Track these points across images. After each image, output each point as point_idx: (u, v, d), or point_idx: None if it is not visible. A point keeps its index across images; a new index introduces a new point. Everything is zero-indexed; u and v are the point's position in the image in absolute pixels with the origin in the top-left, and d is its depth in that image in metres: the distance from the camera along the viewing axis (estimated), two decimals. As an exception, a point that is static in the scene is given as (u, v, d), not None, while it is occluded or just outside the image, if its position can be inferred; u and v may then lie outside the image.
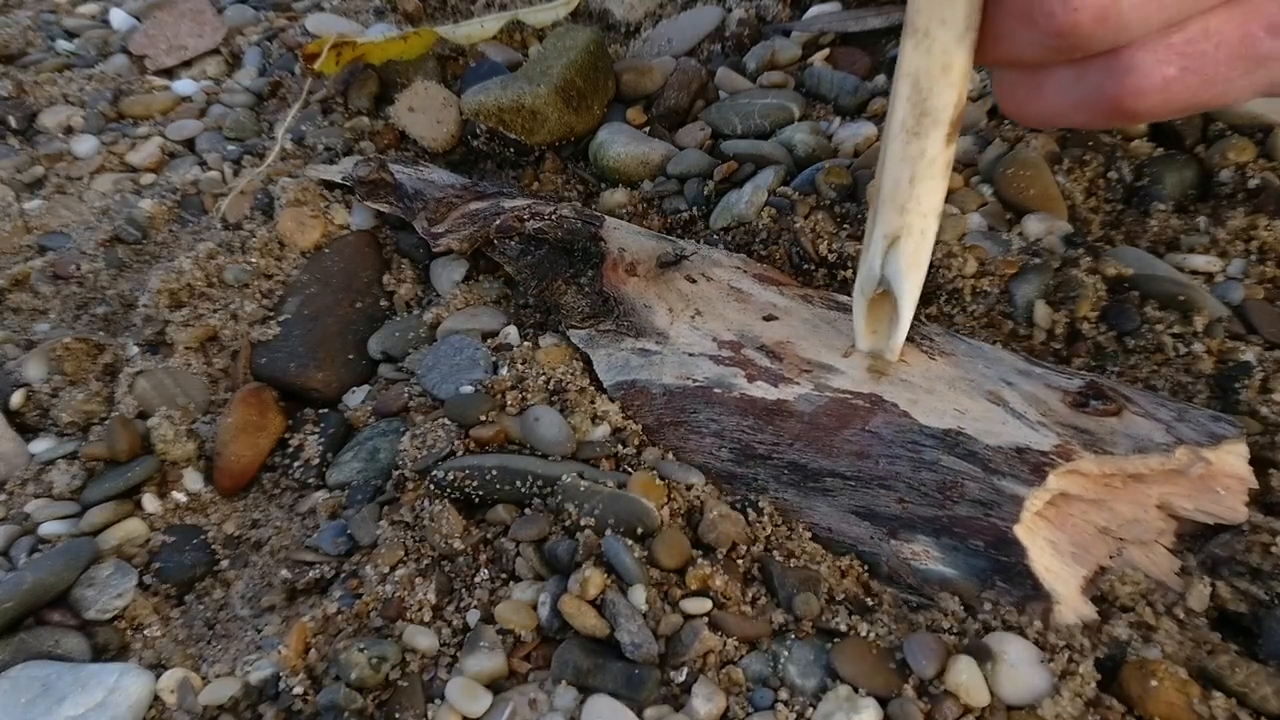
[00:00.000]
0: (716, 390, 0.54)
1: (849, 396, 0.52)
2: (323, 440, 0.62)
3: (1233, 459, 0.47)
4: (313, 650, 0.49)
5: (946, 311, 0.60)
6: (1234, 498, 0.48)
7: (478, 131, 0.78)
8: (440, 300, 0.68)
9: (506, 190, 0.73)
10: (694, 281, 0.60)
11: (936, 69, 0.42)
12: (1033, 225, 0.64)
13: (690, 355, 0.56)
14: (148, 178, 0.86)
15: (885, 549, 0.49)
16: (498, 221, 0.64)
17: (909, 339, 0.54)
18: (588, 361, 0.59)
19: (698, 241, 0.67)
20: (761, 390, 0.54)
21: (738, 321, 0.58)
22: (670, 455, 0.55)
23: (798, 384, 0.53)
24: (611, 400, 0.57)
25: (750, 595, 0.49)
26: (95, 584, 0.55)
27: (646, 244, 0.63)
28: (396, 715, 0.46)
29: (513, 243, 0.64)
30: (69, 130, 0.91)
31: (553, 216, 0.63)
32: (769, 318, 0.57)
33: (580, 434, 0.55)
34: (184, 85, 0.95)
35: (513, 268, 0.64)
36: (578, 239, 0.62)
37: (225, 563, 0.59)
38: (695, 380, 0.55)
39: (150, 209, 0.79)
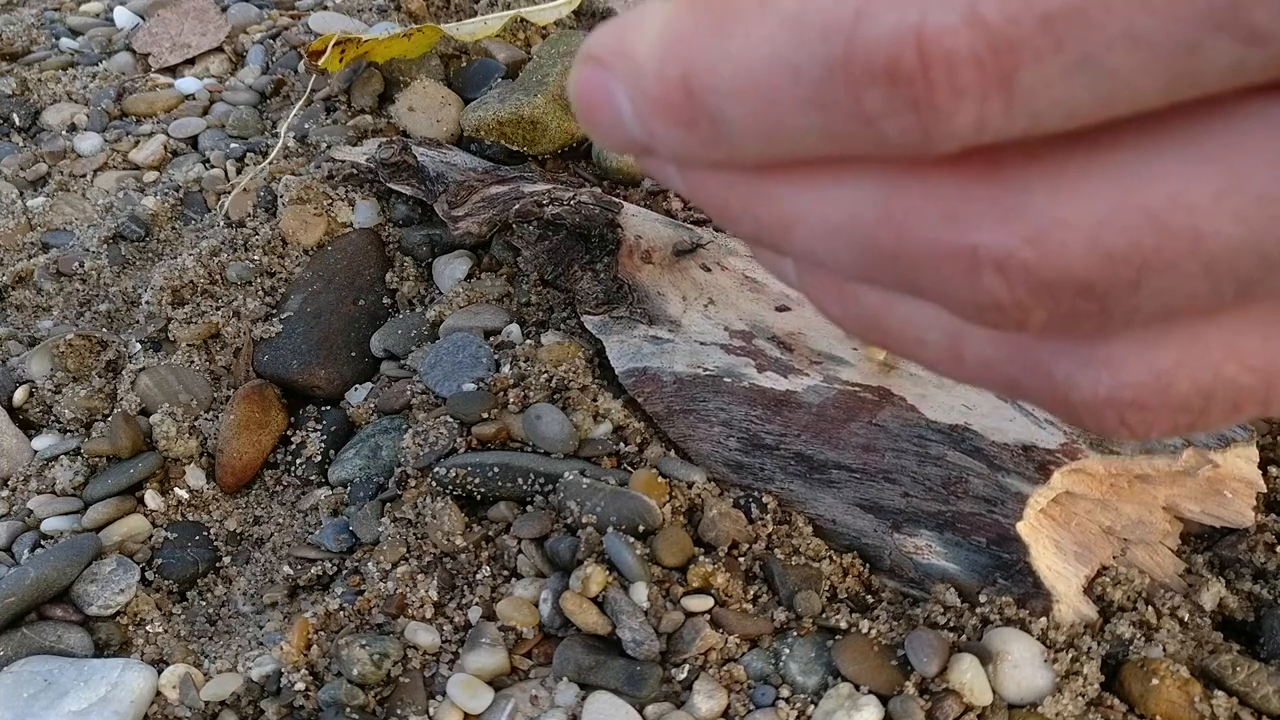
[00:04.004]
0: (726, 380, 0.54)
1: (857, 389, 0.52)
2: (325, 437, 0.62)
3: (1241, 462, 0.47)
4: (314, 646, 0.49)
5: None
6: (1241, 501, 0.48)
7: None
8: (442, 298, 0.68)
9: (527, 174, 0.73)
10: (708, 270, 0.61)
11: None
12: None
13: (702, 344, 0.57)
14: (151, 175, 0.86)
15: (888, 542, 0.49)
16: (517, 206, 0.64)
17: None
18: (591, 359, 0.60)
19: (715, 230, 0.67)
20: (771, 381, 0.54)
21: (750, 311, 0.58)
22: (675, 449, 0.55)
23: (807, 375, 0.53)
24: (615, 398, 0.57)
25: (751, 593, 0.49)
26: (97, 580, 0.55)
27: (664, 232, 0.63)
28: (398, 711, 0.46)
29: (531, 227, 0.65)
30: (72, 128, 0.91)
31: (572, 202, 0.63)
32: (781, 308, 0.57)
33: (582, 432, 0.55)
34: (187, 83, 0.95)
35: (530, 252, 0.64)
36: (595, 225, 0.63)
37: (227, 559, 0.59)
38: (706, 369, 0.55)
39: (153, 206, 0.79)
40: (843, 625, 0.46)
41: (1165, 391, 0.16)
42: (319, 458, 0.62)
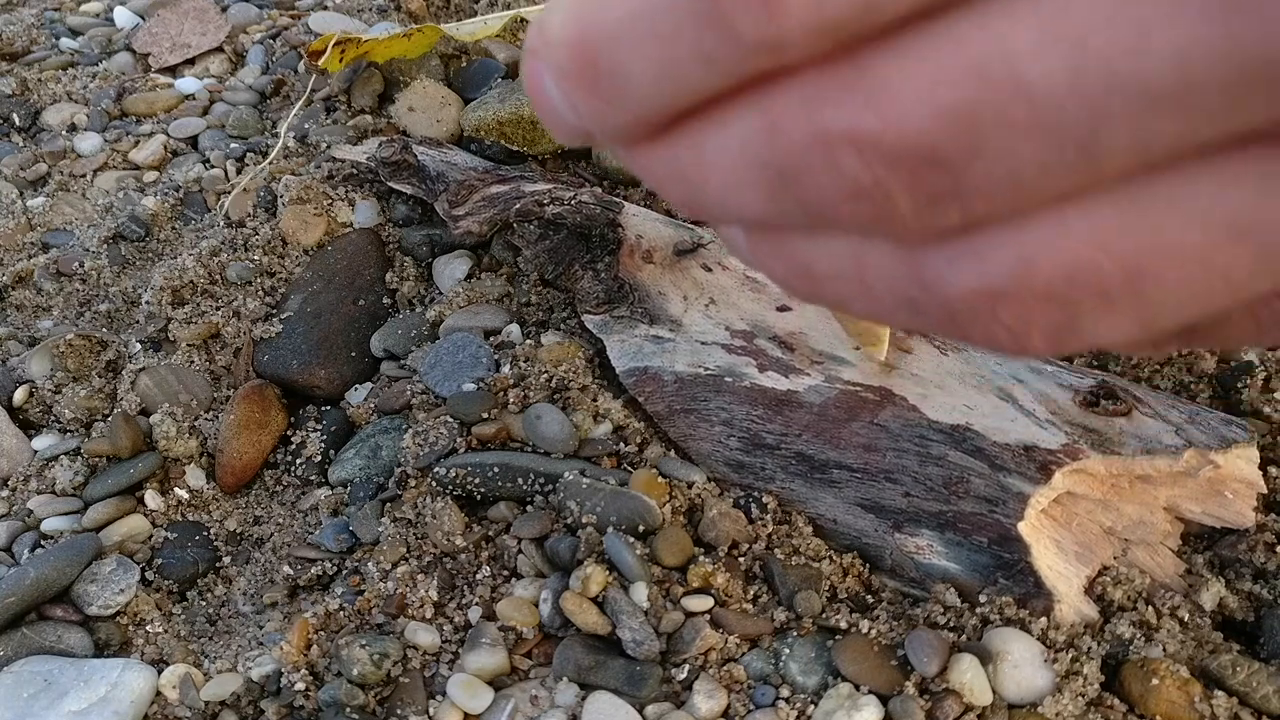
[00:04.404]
0: (727, 379, 0.54)
1: (859, 389, 0.52)
2: (325, 437, 0.62)
3: (1242, 463, 0.47)
4: (314, 646, 0.49)
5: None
6: (1242, 502, 0.48)
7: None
8: (442, 298, 0.68)
9: (527, 174, 0.73)
10: (709, 270, 0.61)
11: None
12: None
13: (703, 343, 0.57)
14: (151, 175, 0.86)
15: (889, 542, 0.49)
16: (518, 205, 0.64)
17: (923, 334, 0.54)
18: (591, 359, 0.60)
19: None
20: (772, 380, 0.54)
21: (751, 311, 0.58)
22: (675, 448, 0.55)
23: (808, 375, 0.53)
24: (615, 398, 0.57)
25: (751, 593, 0.49)
26: (97, 580, 0.55)
27: (664, 231, 0.63)
28: (398, 711, 0.46)
29: (531, 227, 0.65)
30: (72, 128, 0.91)
31: (573, 202, 0.63)
32: (783, 308, 0.58)
33: (582, 432, 0.55)
34: (187, 83, 0.95)
35: (531, 252, 0.65)
36: (596, 225, 0.63)
37: (227, 559, 0.59)
38: (707, 368, 0.55)
39: (153, 206, 0.79)
40: (843, 625, 0.46)
41: (1030, 277, 0.16)
42: (319, 458, 0.62)
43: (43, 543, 0.57)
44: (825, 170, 0.16)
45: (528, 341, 0.61)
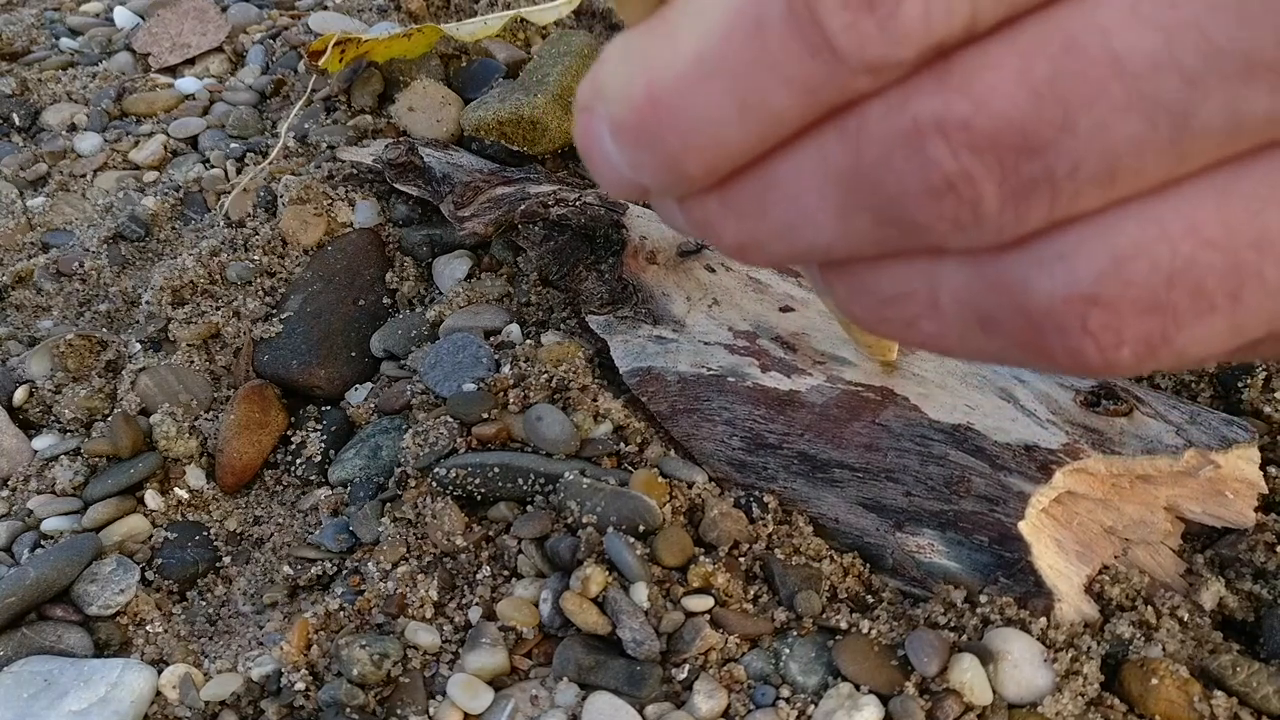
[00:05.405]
0: (730, 379, 0.54)
1: (860, 389, 0.52)
2: (325, 437, 0.62)
3: (1243, 463, 0.47)
4: (314, 646, 0.49)
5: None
6: (1243, 502, 0.48)
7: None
8: (442, 298, 0.68)
9: (532, 175, 0.73)
10: (713, 271, 0.61)
11: None
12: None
13: (706, 344, 0.57)
14: (151, 175, 0.86)
15: (891, 542, 0.49)
16: (523, 207, 0.64)
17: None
18: (591, 359, 0.60)
19: None
20: (774, 380, 0.54)
21: (754, 312, 0.58)
22: (677, 448, 0.55)
23: (810, 375, 0.53)
24: (615, 398, 0.57)
25: (752, 593, 0.49)
26: (97, 580, 0.55)
27: (668, 233, 0.63)
28: (398, 711, 0.46)
29: (536, 228, 0.65)
30: (72, 128, 0.91)
31: (577, 203, 0.63)
32: (785, 309, 0.58)
33: (582, 432, 0.55)
34: (187, 83, 0.95)
35: (535, 253, 0.65)
36: (600, 226, 0.63)
37: (227, 559, 0.59)
38: (710, 369, 0.55)
39: (153, 206, 0.79)
40: (843, 625, 0.46)
41: (1125, 280, 0.15)
42: (319, 458, 0.62)
43: (43, 543, 0.57)
44: (909, 166, 0.15)
45: (528, 341, 0.61)
